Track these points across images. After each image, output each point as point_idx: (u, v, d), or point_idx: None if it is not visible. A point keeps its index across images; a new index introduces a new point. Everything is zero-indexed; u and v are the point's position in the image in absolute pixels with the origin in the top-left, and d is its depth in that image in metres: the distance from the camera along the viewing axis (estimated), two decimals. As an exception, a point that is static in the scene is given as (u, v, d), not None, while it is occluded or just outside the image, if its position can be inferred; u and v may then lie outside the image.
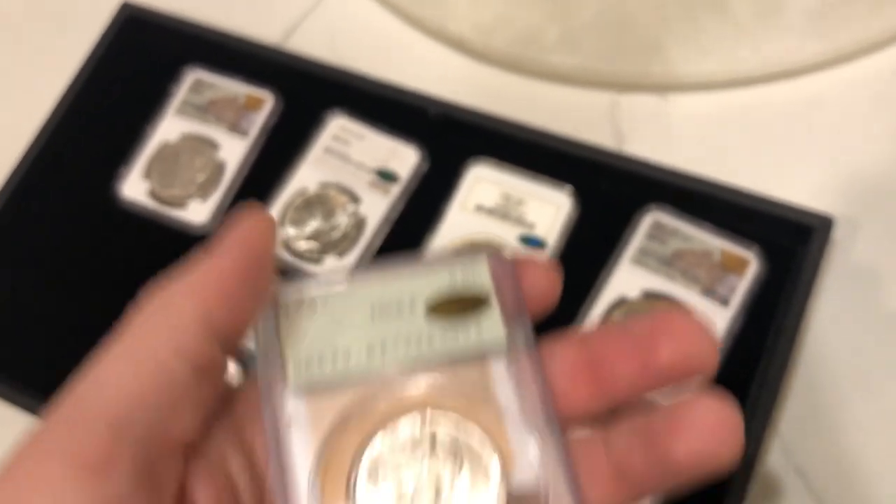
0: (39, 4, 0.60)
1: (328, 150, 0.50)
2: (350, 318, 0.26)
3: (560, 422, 0.25)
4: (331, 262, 0.48)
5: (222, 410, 0.27)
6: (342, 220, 0.48)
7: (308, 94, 0.52)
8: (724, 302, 0.43)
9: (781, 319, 0.42)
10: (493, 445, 0.23)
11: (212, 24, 0.54)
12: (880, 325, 0.43)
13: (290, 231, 0.48)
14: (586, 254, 0.46)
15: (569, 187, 0.47)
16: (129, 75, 0.55)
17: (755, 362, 0.42)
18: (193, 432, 0.26)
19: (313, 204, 0.49)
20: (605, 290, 0.45)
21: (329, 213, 0.49)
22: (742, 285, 0.44)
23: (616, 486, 0.25)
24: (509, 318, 0.26)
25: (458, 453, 0.23)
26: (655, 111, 0.50)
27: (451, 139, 0.49)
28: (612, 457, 0.26)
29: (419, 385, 0.25)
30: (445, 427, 0.24)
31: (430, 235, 0.47)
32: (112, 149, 0.53)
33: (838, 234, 0.45)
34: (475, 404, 0.24)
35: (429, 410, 0.24)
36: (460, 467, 0.23)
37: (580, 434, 0.26)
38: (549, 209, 0.47)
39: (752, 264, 0.44)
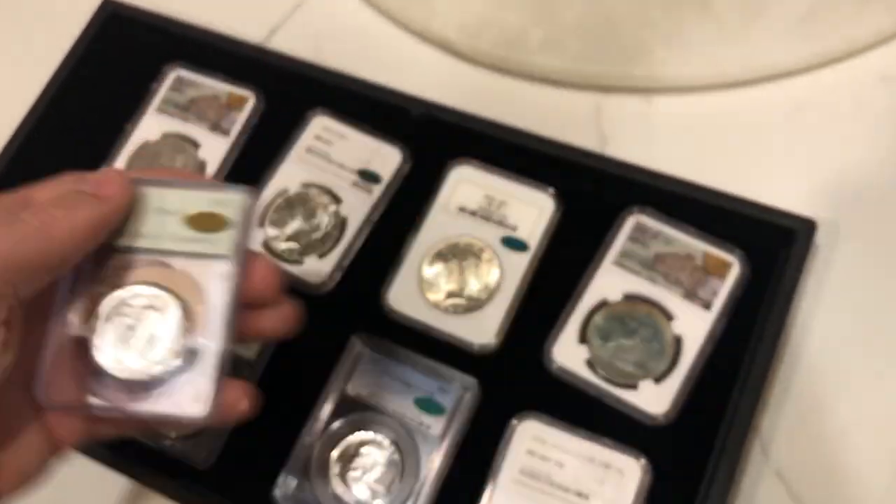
0: (20, 0, 0.60)
1: (310, 150, 0.50)
2: (136, 211, 0.34)
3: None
4: (311, 262, 0.47)
5: None
6: (323, 221, 0.48)
7: (291, 93, 0.52)
8: (707, 305, 0.43)
9: (763, 323, 0.42)
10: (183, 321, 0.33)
11: (194, 22, 0.54)
12: (861, 328, 0.43)
13: (271, 231, 0.48)
14: (569, 255, 0.46)
15: (552, 189, 0.47)
16: (110, 72, 0.55)
17: (737, 366, 0.42)
18: None
19: (294, 204, 0.49)
20: (587, 293, 0.44)
21: (310, 214, 0.48)
22: (724, 289, 0.44)
23: None
24: (238, 244, 0.34)
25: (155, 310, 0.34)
26: (639, 113, 0.50)
27: (434, 140, 0.49)
28: None
29: (164, 266, 0.34)
30: (153, 299, 0.34)
31: (412, 236, 0.47)
32: (92, 147, 0.53)
33: (820, 238, 0.44)
34: (190, 291, 0.34)
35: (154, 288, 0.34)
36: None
37: None
38: (531, 211, 0.47)
39: (735, 267, 0.44)
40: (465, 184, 0.48)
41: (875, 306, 0.44)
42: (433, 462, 0.42)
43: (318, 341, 0.46)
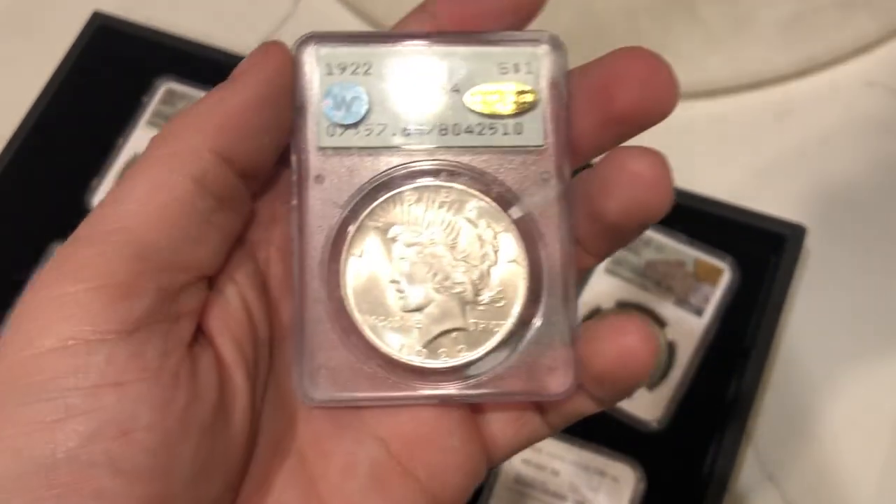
0: (9, 13, 0.60)
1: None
2: (389, 88, 0.25)
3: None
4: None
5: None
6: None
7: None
8: (698, 312, 0.44)
9: (755, 329, 0.42)
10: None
11: (184, 34, 0.54)
12: (852, 333, 0.44)
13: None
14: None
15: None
16: (100, 85, 0.55)
17: (729, 372, 0.42)
18: (217, 264, 0.25)
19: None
20: (580, 300, 0.45)
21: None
22: (716, 295, 0.44)
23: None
24: (552, 124, 0.25)
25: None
26: (629, 121, 0.51)
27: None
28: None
29: (443, 169, 0.25)
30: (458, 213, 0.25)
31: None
32: (84, 160, 0.53)
33: (810, 243, 0.45)
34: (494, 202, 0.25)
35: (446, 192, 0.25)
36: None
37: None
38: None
39: (726, 274, 0.44)
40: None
41: (865, 310, 0.44)
42: (429, 472, 0.42)
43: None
